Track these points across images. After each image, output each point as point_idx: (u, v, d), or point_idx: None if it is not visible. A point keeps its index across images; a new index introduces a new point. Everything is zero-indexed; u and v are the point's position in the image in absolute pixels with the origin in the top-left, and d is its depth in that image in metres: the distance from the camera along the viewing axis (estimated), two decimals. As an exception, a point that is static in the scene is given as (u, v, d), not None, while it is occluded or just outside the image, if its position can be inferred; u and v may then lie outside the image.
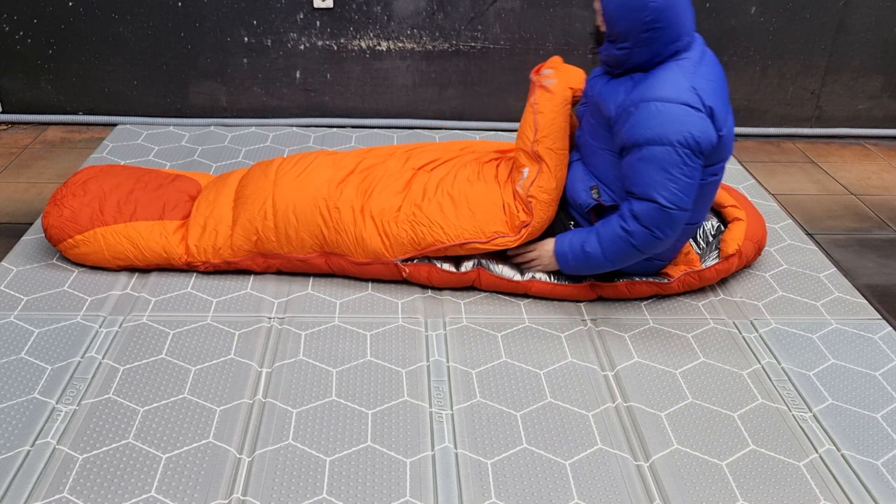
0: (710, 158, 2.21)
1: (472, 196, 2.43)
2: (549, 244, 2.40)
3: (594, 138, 2.35)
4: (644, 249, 2.24)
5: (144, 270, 2.54)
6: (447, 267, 2.44)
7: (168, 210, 2.62)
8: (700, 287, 2.54)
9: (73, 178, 2.68)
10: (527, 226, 2.37)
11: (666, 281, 2.45)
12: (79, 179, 2.67)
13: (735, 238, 2.54)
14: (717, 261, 2.51)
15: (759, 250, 2.63)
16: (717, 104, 2.16)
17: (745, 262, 2.59)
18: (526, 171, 2.40)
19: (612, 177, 2.32)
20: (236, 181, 2.69)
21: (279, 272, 2.56)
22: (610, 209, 2.36)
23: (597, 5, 2.23)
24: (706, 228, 2.67)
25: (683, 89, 2.13)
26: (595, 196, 2.34)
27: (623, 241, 2.23)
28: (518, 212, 2.38)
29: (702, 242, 2.63)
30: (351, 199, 2.47)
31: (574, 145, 2.50)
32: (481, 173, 2.51)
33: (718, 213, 2.73)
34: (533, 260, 2.42)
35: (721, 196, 2.74)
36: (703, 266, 2.50)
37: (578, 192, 2.38)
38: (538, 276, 2.43)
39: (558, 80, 2.43)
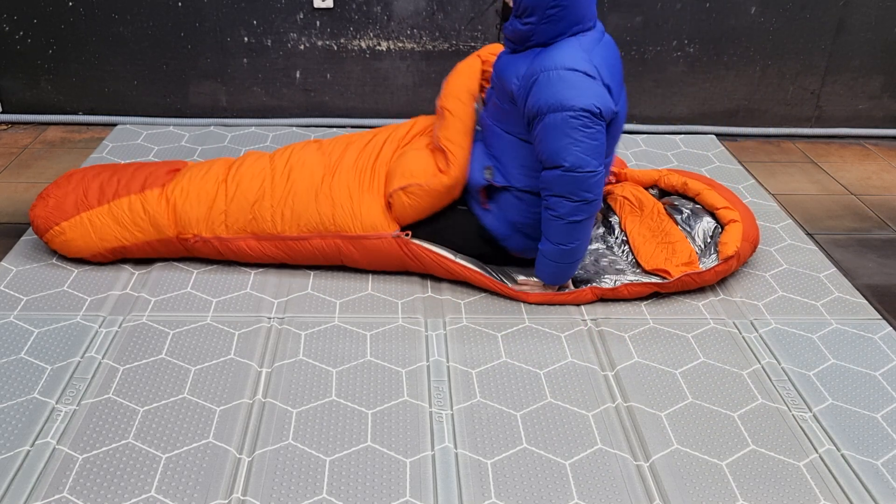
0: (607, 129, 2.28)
1: (420, 157, 2.52)
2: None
3: (496, 120, 2.42)
4: (575, 217, 2.25)
5: (144, 269, 2.54)
6: (446, 254, 2.46)
7: (149, 183, 2.61)
8: (698, 288, 2.54)
9: (61, 177, 2.69)
10: (448, 164, 2.44)
11: (665, 280, 2.46)
12: (65, 175, 2.69)
13: (733, 240, 2.55)
14: (716, 263, 2.52)
15: (754, 248, 2.64)
16: (611, 82, 2.25)
17: (742, 262, 2.60)
18: (436, 126, 2.55)
19: (508, 159, 2.40)
20: (228, 161, 2.69)
21: (279, 269, 2.56)
22: (501, 191, 2.42)
23: None
24: (704, 229, 2.68)
25: (582, 59, 2.21)
26: (487, 176, 2.41)
27: (553, 219, 2.27)
28: (441, 159, 2.48)
29: (700, 242, 2.64)
30: (347, 181, 2.53)
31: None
32: (430, 144, 2.61)
33: (712, 214, 2.74)
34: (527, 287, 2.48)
35: (713, 197, 2.76)
36: (703, 268, 2.51)
37: (473, 172, 2.45)
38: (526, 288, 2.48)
39: (471, 56, 2.65)
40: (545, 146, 2.22)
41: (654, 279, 2.48)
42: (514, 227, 2.46)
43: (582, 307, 2.44)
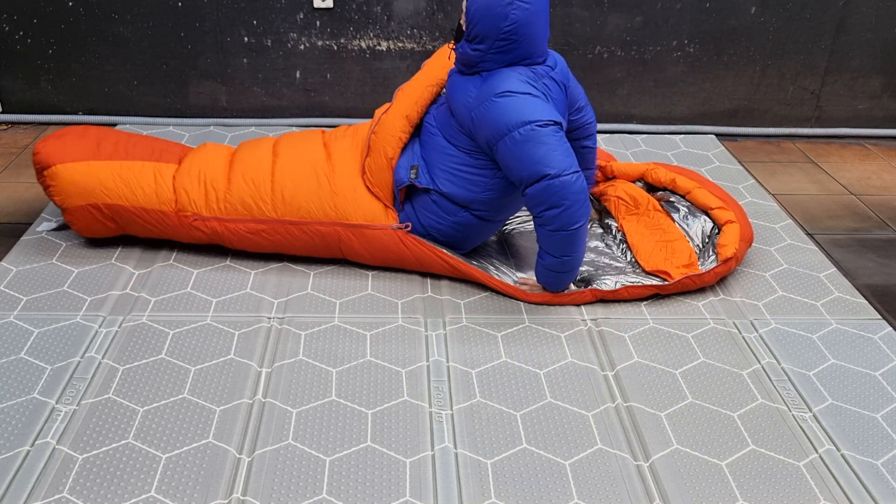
0: None
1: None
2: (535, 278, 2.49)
3: (436, 121, 2.45)
4: (576, 224, 2.25)
5: (144, 269, 2.54)
6: (444, 249, 2.47)
7: (165, 157, 2.63)
8: (698, 289, 2.54)
9: (77, 126, 2.72)
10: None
11: (665, 283, 2.46)
12: (81, 126, 2.72)
13: (731, 242, 2.56)
14: (715, 264, 2.53)
15: (749, 245, 2.64)
16: (557, 115, 2.27)
17: (740, 262, 2.60)
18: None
19: (436, 161, 2.42)
20: (231, 149, 2.71)
21: (279, 269, 2.56)
22: (421, 193, 2.45)
23: (464, 4, 2.29)
24: (703, 230, 2.68)
25: (529, 86, 2.25)
26: (412, 175, 2.43)
27: (553, 233, 2.26)
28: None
29: (698, 242, 2.64)
30: (349, 170, 2.53)
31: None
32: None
33: (707, 213, 2.73)
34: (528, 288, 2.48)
35: (705, 196, 2.75)
36: (702, 269, 2.51)
37: (400, 168, 2.47)
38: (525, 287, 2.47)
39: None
40: (523, 162, 2.21)
41: (654, 281, 2.48)
42: (426, 231, 2.48)
43: (582, 307, 2.44)
